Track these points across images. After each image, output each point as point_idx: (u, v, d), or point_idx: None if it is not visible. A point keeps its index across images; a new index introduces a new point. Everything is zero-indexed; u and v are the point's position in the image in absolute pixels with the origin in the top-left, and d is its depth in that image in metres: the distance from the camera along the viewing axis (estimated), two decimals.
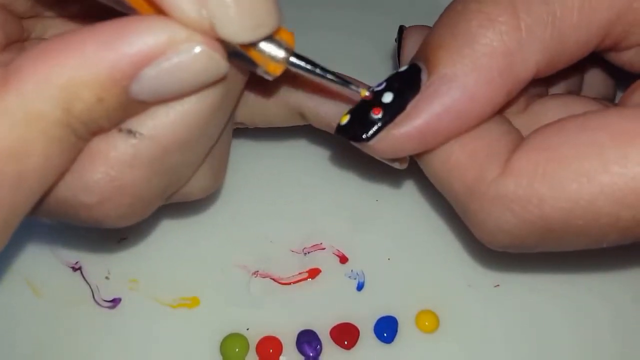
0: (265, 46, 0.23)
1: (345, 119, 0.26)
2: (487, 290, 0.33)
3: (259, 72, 0.23)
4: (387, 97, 0.25)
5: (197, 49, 0.21)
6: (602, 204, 0.23)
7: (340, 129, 0.26)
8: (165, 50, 0.20)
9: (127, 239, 0.34)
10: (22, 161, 0.20)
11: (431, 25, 0.27)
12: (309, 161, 0.36)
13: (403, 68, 0.26)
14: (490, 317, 0.32)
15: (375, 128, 0.25)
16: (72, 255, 0.33)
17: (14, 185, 0.21)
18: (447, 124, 0.25)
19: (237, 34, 0.21)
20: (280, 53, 0.23)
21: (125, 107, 0.22)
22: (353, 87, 0.25)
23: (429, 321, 0.32)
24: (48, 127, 0.20)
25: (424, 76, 0.25)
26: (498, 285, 0.33)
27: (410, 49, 0.29)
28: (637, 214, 0.23)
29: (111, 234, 0.34)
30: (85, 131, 0.22)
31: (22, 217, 0.22)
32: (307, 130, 0.37)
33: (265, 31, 0.21)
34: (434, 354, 0.31)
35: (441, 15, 0.26)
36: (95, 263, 0.33)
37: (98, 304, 0.32)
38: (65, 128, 0.21)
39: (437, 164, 0.26)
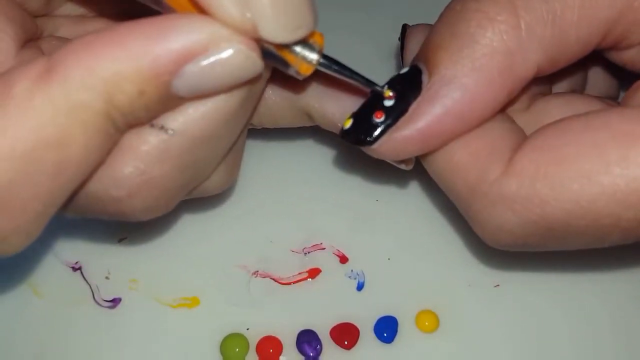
0: (299, 47, 0.23)
1: (348, 123, 0.26)
2: (487, 290, 0.33)
3: (290, 72, 0.24)
4: (389, 101, 0.25)
5: (237, 48, 0.21)
6: (604, 204, 0.23)
7: (343, 133, 0.26)
8: (207, 47, 0.21)
9: (127, 239, 0.34)
10: (63, 150, 0.21)
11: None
12: (308, 162, 0.36)
13: (404, 70, 0.26)
14: (490, 317, 0.32)
15: (377, 132, 0.25)
16: (72, 255, 0.33)
17: (53, 173, 0.21)
18: (448, 126, 0.25)
19: (278, 35, 0.22)
20: (312, 55, 0.24)
21: (164, 101, 0.22)
22: (378, 87, 0.26)
23: (429, 321, 0.32)
24: (89, 118, 0.21)
25: (424, 77, 0.25)
26: (498, 285, 0.33)
27: (413, 48, 0.29)
28: (638, 214, 0.23)
29: (111, 234, 0.34)
30: (124, 123, 0.22)
31: (57, 207, 0.22)
32: (304, 131, 0.37)
33: (304, 32, 0.22)
34: (434, 354, 0.31)
35: (441, 15, 0.26)
36: (95, 263, 0.33)
37: (98, 304, 0.32)
38: (105, 119, 0.21)
39: (440, 164, 0.26)
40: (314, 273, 0.33)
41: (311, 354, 0.31)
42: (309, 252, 0.34)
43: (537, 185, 0.23)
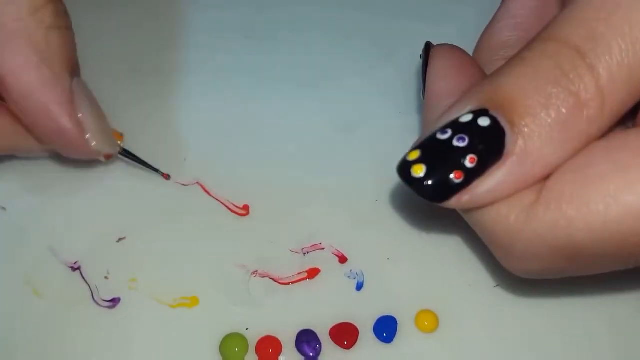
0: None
1: (420, 171, 0.25)
2: (487, 290, 0.33)
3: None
4: (469, 161, 0.24)
5: None
6: (631, 223, 0.23)
7: (412, 179, 0.25)
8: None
9: (126, 239, 0.34)
10: None
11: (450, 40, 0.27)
12: (308, 160, 0.36)
13: (485, 122, 0.24)
14: (490, 317, 0.32)
15: (452, 192, 0.25)
16: (72, 255, 0.33)
17: None
18: (512, 192, 0.25)
19: (102, 148, 0.32)
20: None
21: None
22: (160, 172, 0.35)
23: (429, 321, 0.32)
24: None
25: (508, 143, 0.24)
26: (498, 285, 0.33)
27: (438, 71, 0.29)
28: None
29: (111, 234, 0.34)
30: None
31: None
32: (307, 131, 0.37)
33: (118, 150, 0.34)
34: (434, 354, 0.31)
35: (528, 57, 0.25)
36: (94, 263, 0.33)
37: (98, 304, 0.32)
38: None
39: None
40: (313, 273, 0.33)
41: (311, 354, 0.31)
42: (308, 252, 0.34)
43: (563, 208, 0.23)
